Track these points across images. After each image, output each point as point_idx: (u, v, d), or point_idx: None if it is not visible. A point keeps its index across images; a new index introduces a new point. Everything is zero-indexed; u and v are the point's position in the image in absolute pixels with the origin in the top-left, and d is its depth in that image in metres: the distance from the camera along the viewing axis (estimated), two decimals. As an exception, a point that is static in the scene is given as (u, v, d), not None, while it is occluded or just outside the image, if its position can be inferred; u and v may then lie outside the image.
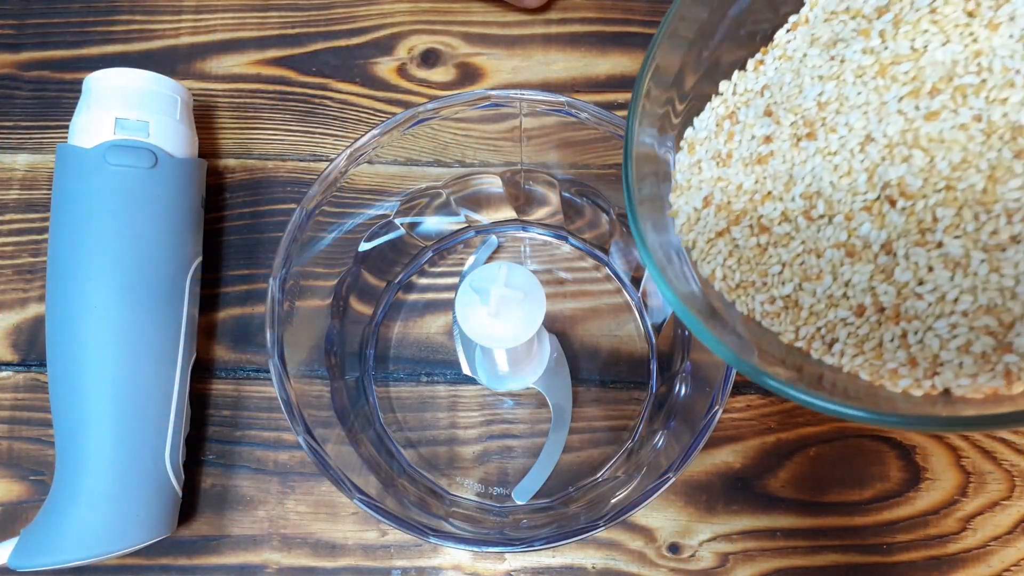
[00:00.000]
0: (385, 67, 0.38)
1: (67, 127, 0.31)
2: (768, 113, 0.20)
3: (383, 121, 0.28)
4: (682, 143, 0.22)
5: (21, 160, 0.37)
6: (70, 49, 0.39)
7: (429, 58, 0.38)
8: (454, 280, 0.35)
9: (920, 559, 0.32)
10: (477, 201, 0.34)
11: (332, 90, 0.38)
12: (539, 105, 0.28)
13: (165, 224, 0.31)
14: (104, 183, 0.29)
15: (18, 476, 0.33)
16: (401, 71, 0.38)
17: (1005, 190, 0.16)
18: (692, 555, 0.32)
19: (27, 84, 0.38)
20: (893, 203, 0.17)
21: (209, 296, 0.35)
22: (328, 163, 0.28)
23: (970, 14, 0.17)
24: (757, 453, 0.33)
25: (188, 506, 0.32)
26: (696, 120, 0.22)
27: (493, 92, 0.27)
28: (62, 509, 0.28)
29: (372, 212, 0.31)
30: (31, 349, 0.34)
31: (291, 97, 0.38)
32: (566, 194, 0.33)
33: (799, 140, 0.19)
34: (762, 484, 0.33)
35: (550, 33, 0.39)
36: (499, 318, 0.26)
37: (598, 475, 0.32)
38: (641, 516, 0.32)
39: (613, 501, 0.27)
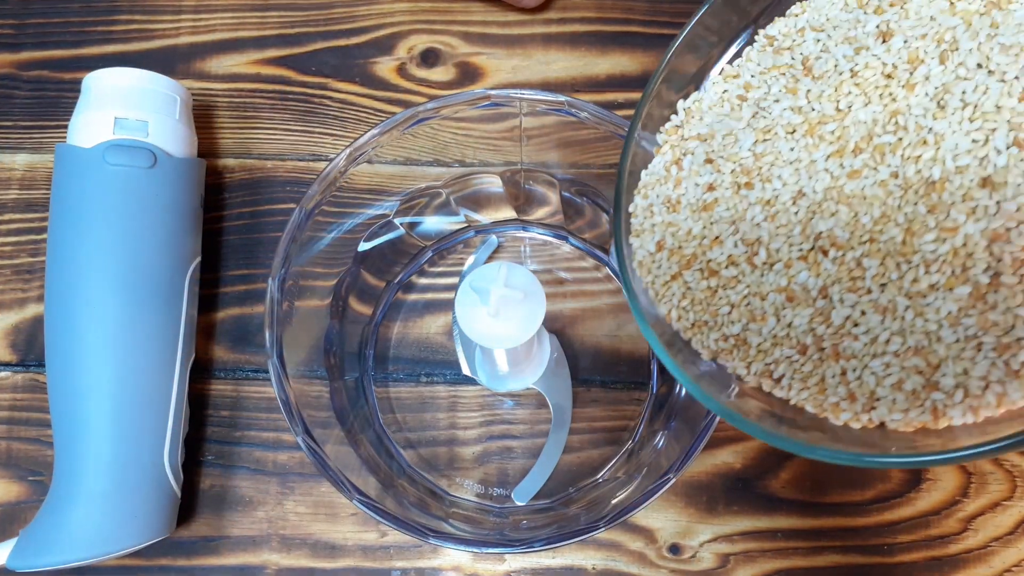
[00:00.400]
0: (385, 67, 0.38)
1: (66, 127, 0.31)
2: (709, 161, 0.21)
3: (383, 121, 0.28)
4: (638, 187, 0.23)
5: (20, 160, 0.37)
6: (69, 49, 0.39)
7: (429, 58, 0.38)
8: (454, 280, 0.35)
9: (921, 560, 0.32)
10: (477, 201, 0.34)
11: (332, 90, 0.38)
12: (539, 105, 0.28)
13: (164, 224, 0.31)
14: (103, 183, 0.29)
15: (17, 476, 0.33)
16: (401, 71, 0.38)
17: (921, 242, 0.17)
18: (693, 556, 0.32)
19: (26, 84, 0.38)
20: (825, 253, 0.18)
21: (208, 296, 0.35)
22: (328, 163, 0.28)
23: (888, 76, 0.18)
24: (758, 453, 0.33)
25: (187, 507, 0.32)
26: (650, 164, 0.23)
27: (493, 92, 0.27)
28: (61, 510, 0.28)
29: (372, 212, 0.31)
30: (30, 349, 0.34)
31: (291, 97, 0.38)
32: (566, 194, 0.33)
33: (739, 188, 0.20)
34: (763, 485, 0.32)
35: (550, 33, 0.39)
36: (499, 318, 0.26)
37: (598, 476, 0.32)
38: (641, 517, 0.32)
39: (613, 502, 0.27)
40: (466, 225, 0.35)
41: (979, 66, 0.17)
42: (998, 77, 0.17)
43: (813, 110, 0.19)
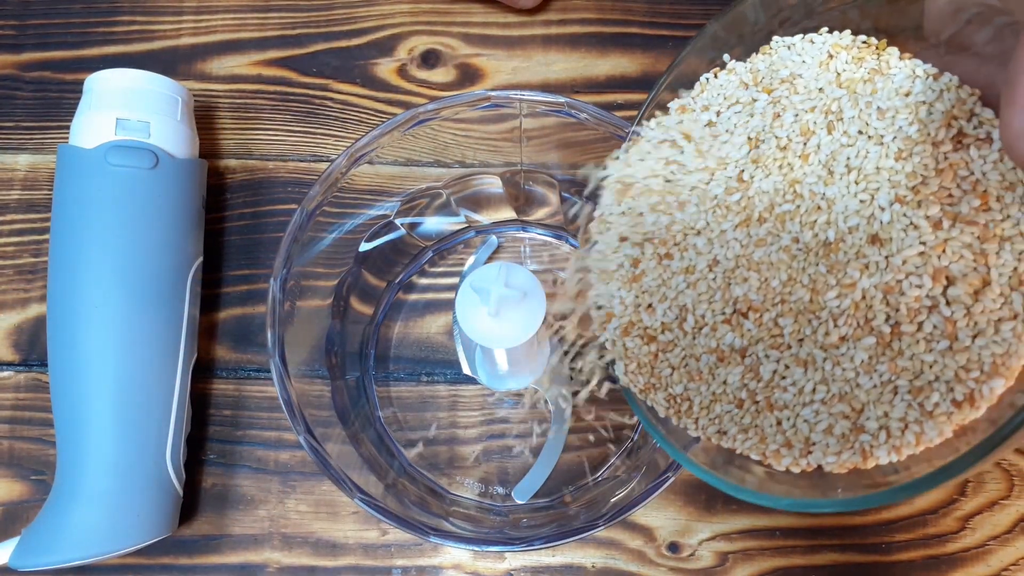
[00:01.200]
0: (385, 68, 0.38)
1: (68, 127, 0.31)
2: (622, 239, 0.22)
3: (383, 122, 0.28)
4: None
5: (22, 160, 0.37)
6: (71, 50, 0.39)
7: (429, 59, 0.39)
8: (454, 280, 0.35)
9: (919, 558, 0.32)
10: (477, 201, 0.34)
11: (333, 91, 0.38)
12: (539, 106, 0.28)
13: (166, 224, 0.31)
14: (105, 183, 0.30)
15: (19, 476, 0.33)
16: (401, 72, 0.38)
17: (826, 299, 0.18)
18: (691, 554, 0.32)
19: (28, 85, 0.38)
20: (745, 315, 0.20)
21: (210, 296, 0.35)
22: (329, 163, 0.28)
23: (783, 148, 0.19)
24: (756, 453, 0.33)
25: (189, 506, 0.32)
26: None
27: (493, 93, 0.28)
28: (63, 509, 0.28)
29: (372, 212, 0.32)
30: (32, 349, 0.34)
31: (292, 98, 0.38)
32: (566, 194, 0.33)
33: (661, 259, 0.21)
34: (761, 483, 0.33)
35: (550, 34, 0.39)
36: (499, 318, 0.26)
37: (598, 474, 0.32)
38: (641, 515, 0.32)
39: (613, 500, 0.27)
40: (466, 225, 0.35)
41: (860, 132, 0.18)
42: (876, 141, 0.18)
43: (720, 185, 0.21)
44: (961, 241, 0.16)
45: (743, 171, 0.20)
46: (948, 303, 0.16)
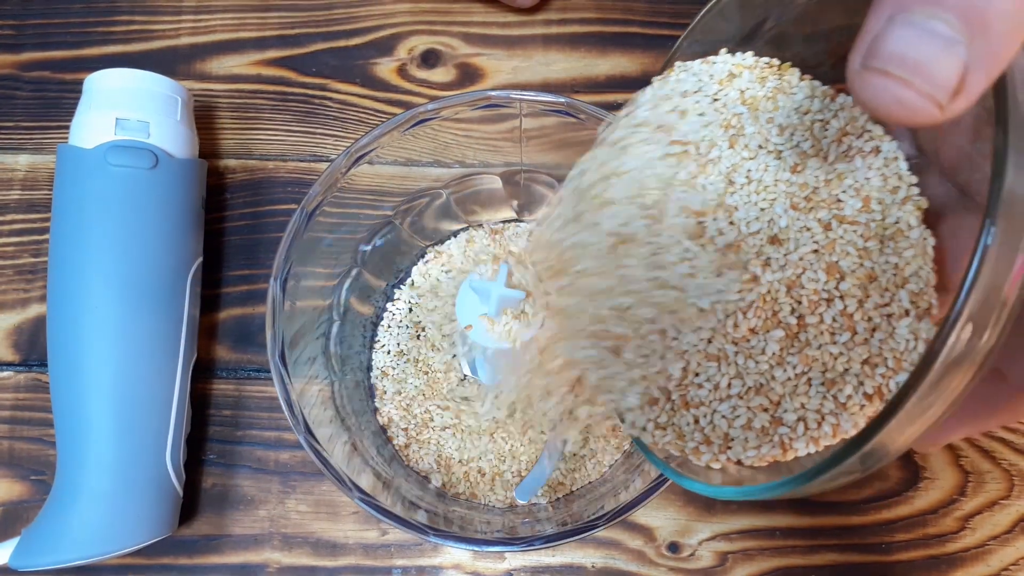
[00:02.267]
0: (385, 67, 0.38)
1: (68, 127, 0.31)
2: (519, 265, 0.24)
3: (383, 122, 0.28)
4: None
5: (22, 160, 0.37)
6: (70, 49, 0.39)
7: (429, 58, 0.38)
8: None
9: (919, 558, 0.32)
10: (477, 201, 0.34)
11: (332, 90, 0.38)
12: (539, 106, 0.28)
13: (166, 224, 0.31)
14: (105, 183, 0.30)
15: (19, 476, 0.33)
16: (401, 71, 0.38)
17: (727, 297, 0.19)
18: (691, 554, 0.32)
19: (28, 84, 0.38)
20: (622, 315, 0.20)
21: (210, 296, 0.35)
22: (329, 164, 0.28)
23: (681, 156, 0.20)
24: (756, 453, 0.33)
25: (189, 506, 0.32)
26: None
27: (493, 93, 0.28)
28: (63, 509, 0.28)
29: (372, 212, 0.32)
30: (32, 349, 0.34)
31: (291, 97, 0.38)
32: (566, 194, 0.33)
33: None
34: (761, 483, 0.33)
35: (550, 34, 0.39)
36: (499, 318, 0.26)
37: (598, 474, 0.32)
38: (641, 515, 0.32)
39: (613, 500, 0.27)
40: (466, 226, 0.35)
41: (760, 147, 0.19)
42: (775, 155, 0.19)
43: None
44: (846, 239, 0.18)
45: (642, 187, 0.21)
46: (842, 297, 0.18)
